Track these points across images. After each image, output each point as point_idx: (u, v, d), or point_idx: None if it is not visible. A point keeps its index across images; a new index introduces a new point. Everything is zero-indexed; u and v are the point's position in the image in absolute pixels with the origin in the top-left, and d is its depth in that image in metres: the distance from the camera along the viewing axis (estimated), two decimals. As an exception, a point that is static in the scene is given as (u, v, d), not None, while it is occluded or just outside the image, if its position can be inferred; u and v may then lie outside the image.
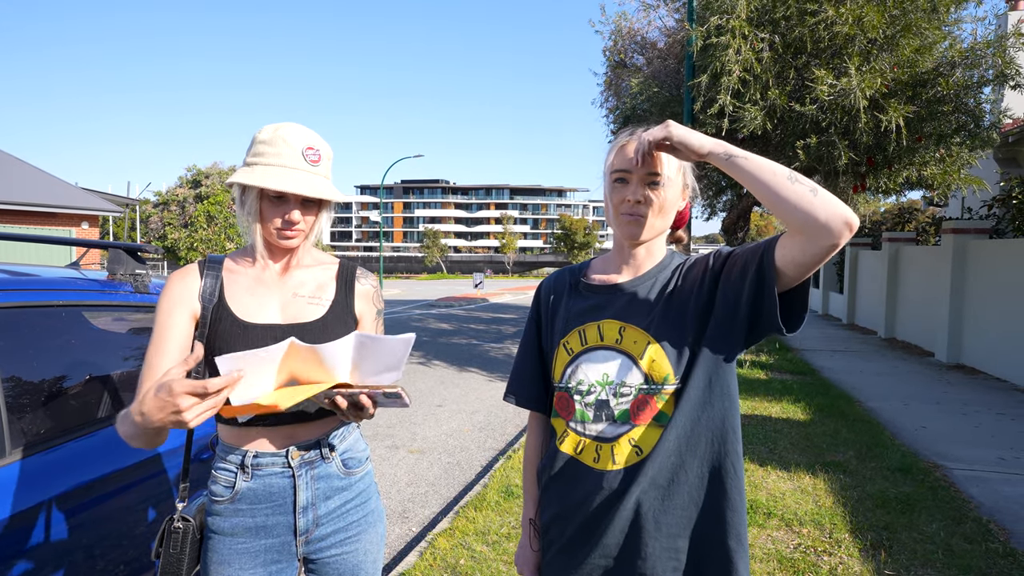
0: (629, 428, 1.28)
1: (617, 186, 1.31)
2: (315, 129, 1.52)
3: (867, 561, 3.32)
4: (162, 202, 30.42)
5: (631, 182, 1.29)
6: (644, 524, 1.27)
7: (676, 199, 1.33)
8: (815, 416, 6.27)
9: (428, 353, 10.93)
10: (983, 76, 7.09)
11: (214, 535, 1.47)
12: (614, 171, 1.31)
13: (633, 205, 1.28)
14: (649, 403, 1.27)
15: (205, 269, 1.47)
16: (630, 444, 1.28)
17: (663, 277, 1.34)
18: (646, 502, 1.27)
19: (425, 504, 4.35)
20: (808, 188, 1.11)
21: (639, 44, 9.96)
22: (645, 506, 1.27)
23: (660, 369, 1.27)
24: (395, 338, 1.29)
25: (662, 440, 1.26)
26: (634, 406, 1.28)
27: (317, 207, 1.47)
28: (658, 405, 1.27)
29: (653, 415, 1.27)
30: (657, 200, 1.29)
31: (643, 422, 1.28)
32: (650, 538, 1.27)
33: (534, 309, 1.49)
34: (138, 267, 2.33)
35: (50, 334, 1.98)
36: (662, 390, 1.27)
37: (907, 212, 17.31)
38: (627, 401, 1.28)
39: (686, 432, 1.27)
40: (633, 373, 1.29)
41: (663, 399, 1.27)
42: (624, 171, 1.29)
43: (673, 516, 1.27)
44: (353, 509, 1.55)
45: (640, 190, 1.28)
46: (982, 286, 8.85)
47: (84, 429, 1.89)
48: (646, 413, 1.28)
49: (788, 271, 1.16)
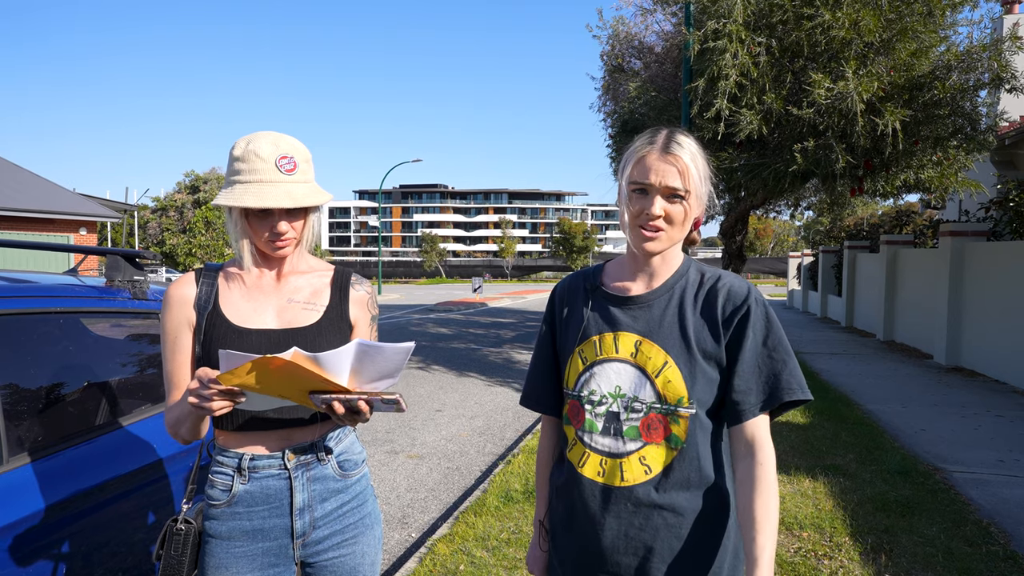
0: (639, 446, 1.27)
1: (635, 196, 1.26)
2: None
3: (868, 565, 3.31)
4: (160, 208, 30.43)
5: (651, 195, 1.24)
6: (654, 545, 1.27)
7: (698, 209, 1.29)
8: (814, 419, 6.27)
9: (427, 358, 10.92)
10: (979, 79, 7.11)
11: (211, 539, 1.48)
12: (633, 182, 1.25)
13: (653, 220, 1.24)
14: (662, 423, 1.26)
15: (201, 277, 1.51)
16: (640, 463, 1.27)
17: (680, 290, 1.32)
18: (654, 522, 1.26)
19: (425, 510, 4.34)
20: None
21: (636, 48, 9.99)
22: (651, 527, 1.26)
23: (675, 390, 1.25)
24: (395, 347, 1.29)
25: (674, 463, 1.26)
26: (644, 424, 1.27)
27: (304, 213, 1.49)
28: (671, 427, 1.26)
29: (664, 436, 1.26)
30: (678, 214, 1.25)
31: (653, 442, 1.26)
32: (660, 562, 1.27)
33: (548, 313, 1.47)
34: (136, 273, 2.33)
35: (49, 341, 1.98)
36: (676, 412, 1.26)
37: (905, 215, 17.33)
38: (637, 418, 1.27)
39: (699, 457, 1.26)
40: (647, 389, 1.27)
41: (676, 422, 1.26)
42: (644, 183, 1.24)
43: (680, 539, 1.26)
44: (350, 511, 1.56)
45: (661, 204, 1.23)
46: (980, 288, 8.87)
47: (83, 436, 1.88)
48: (657, 433, 1.26)
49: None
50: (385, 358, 1.30)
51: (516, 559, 3.39)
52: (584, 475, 1.31)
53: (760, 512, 1.20)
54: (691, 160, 1.24)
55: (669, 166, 1.22)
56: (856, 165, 7.28)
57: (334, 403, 1.30)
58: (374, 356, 1.29)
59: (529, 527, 3.79)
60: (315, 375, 1.25)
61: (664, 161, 1.23)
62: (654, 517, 1.26)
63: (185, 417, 1.39)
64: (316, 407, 1.35)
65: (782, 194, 9.30)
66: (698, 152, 1.27)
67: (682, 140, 1.25)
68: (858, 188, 8.12)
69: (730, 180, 8.01)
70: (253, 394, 1.31)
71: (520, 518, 3.92)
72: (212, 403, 1.26)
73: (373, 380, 1.34)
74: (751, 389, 1.26)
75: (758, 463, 1.24)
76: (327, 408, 1.32)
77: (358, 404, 1.30)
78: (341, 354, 1.27)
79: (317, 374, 1.25)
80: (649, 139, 1.26)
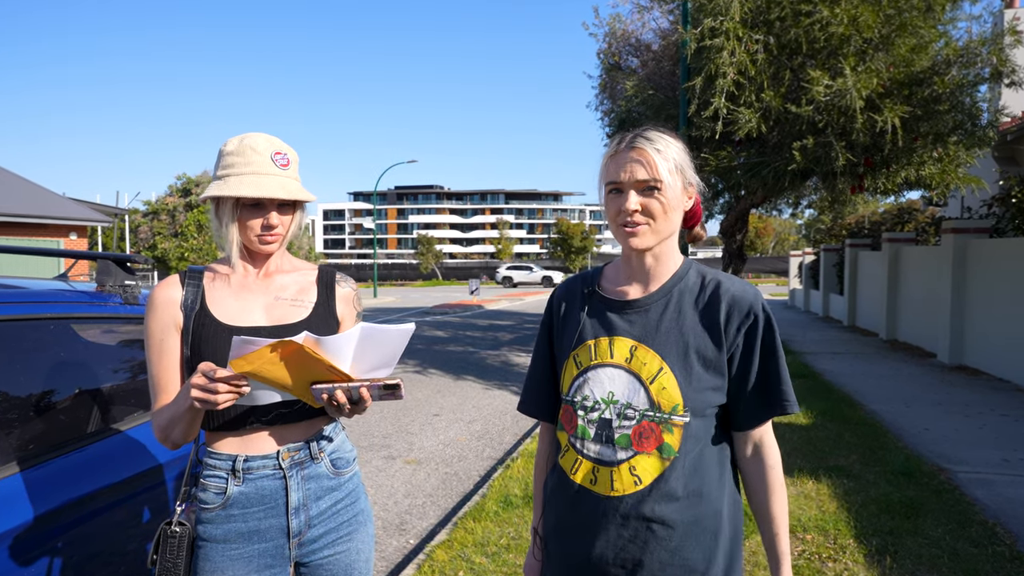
0: (630, 455, 1.24)
1: (612, 196, 1.27)
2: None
3: (872, 567, 3.27)
4: (152, 211, 30.33)
5: (625, 191, 1.25)
6: (643, 559, 1.24)
7: (678, 200, 1.27)
8: (817, 420, 6.23)
9: (424, 361, 10.87)
10: (979, 75, 7.09)
11: (206, 543, 1.47)
12: (607, 182, 1.27)
13: (630, 215, 1.24)
14: (654, 432, 1.23)
15: (186, 280, 1.51)
16: (631, 473, 1.24)
17: (679, 294, 1.30)
18: (644, 534, 1.23)
19: (423, 516, 4.30)
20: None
21: (633, 46, 9.96)
22: (642, 539, 1.24)
23: (670, 398, 1.23)
24: (397, 328, 1.33)
25: (665, 474, 1.23)
26: (636, 433, 1.24)
27: (292, 209, 1.53)
28: (663, 436, 1.23)
29: (657, 445, 1.23)
30: (656, 207, 1.24)
31: (645, 451, 1.23)
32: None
33: (546, 317, 1.46)
34: (127, 278, 2.29)
35: (39, 347, 1.95)
36: (670, 421, 1.23)
37: (906, 212, 17.31)
38: (630, 426, 1.24)
39: (690, 468, 1.24)
40: (640, 396, 1.25)
41: (669, 431, 1.23)
42: (616, 182, 1.25)
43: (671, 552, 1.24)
44: (343, 509, 1.57)
45: (636, 199, 1.23)
46: (983, 286, 8.83)
47: (74, 444, 1.85)
48: (649, 442, 1.23)
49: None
50: (387, 341, 1.34)
51: (516, 565, 3.35)
52: (575, 482, 1.29)
53: (778, 513, 1.30)
54: (656, 152, 1.23)
55: (635, 160, 1.23)
56: (856, 162, 7.25)
57: (336, 392, 1.33)
58: (377, 340, 1.33)
59: (528, 533, 3.75)
60: (321, 362, 1.28)
61: (630, 155, 1.24)
62: (644, 530, 1.23)
63: (180, 417, 1.37)
64: (315, 401, 1.37)
65: (782, 192, 9.28)
66: (669, 143, 1.26)
67: (649, 135, 1.25)
68: (858, 186, 8.09)
69: (729, 179, 7.99)
70: (252, 389, 1.32)
71: (520, 524, 3.88)
72: (218, 395, 1.27)
73: (372, 368, 1.37)
74: (755, 400, 1.27)
75: (769, 466, 1.30)
76: (327, 399, 1.34)
77: (360, 392, 1.33)
78: (345, 338, 1.31)
79: (323, 360, 1.28)
80: (617, 141, 1.28)
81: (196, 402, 1.28)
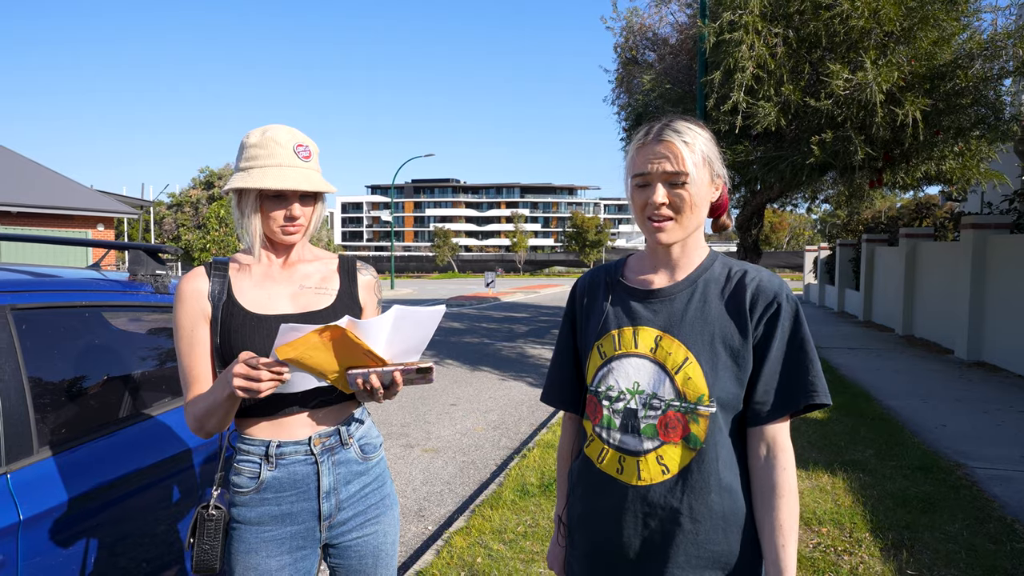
0: (656, 445, 1.24)
1: (639, 189, 1.25)
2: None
3: (888, 561, 3.28)
4: (175, 203, 30.66)
5: (652, 184, 1.23)
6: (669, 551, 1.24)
7: (706, 193, 1.26)
8: (832, 414, 6.21)
9: (440, 352, 10.95)
10: (1003, 68, 6.96)
11: (240, 525, 1.51)
12: (634, 174, 1.25)
13: (657, 209, 1.22)
14: (680, 422, 1.23)
15: (212, 271, 1.53)
16: (657, 462, 1.24)
17: (704, 284, 1.28)
18: (671, 525, 1.24)
19: (441, 503, 4.36)
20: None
21: (651, 40, 9.90)
22: (668, 530, 1.24)
23: (695, 388, 1.22)
24: (429, 310, 1.36)
25: (693, 465, 1.22)
26: (662, 423, 1.24)
27: (313, 201, 1.54)
28: (690, 427, 1.23)
29: (683, 435, 1.23)
30: (682, 201, 1.22)
31: (671, 441, 1.23)
32: (676, 568, 1.24)
33: (569, 308, 1.46)
34: (158, 268, 2.35)
35: (73, 334, 2.01)
36: (696, 411, 1.22)
37: (924, 207, 17.11)
38: (655, 416, 1.24)
39: (718, 459, 1.23)
40: (666, 386, 1.24)
41: (696, 421, 1.22)
42: (643, 174, 1.24)
43: (697, 544, 1.24)
44: (371, 493, 1.61)
45: (663, 192, 1.22)
46: (1003, 282, 8.72)
47: (107, 428, 1.91)
48: (676, 432, 1.23)
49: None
50: (419, 323, 1.37)
51: (533, 552, 3.39)
52: (602, 471, 1.30)
53: (786, 520, 1.20)
54: (684, 144, 1.21)
55: (662, 153, 1.21)
56: (875, 157, 7.18)
57: (372, 377, 1.36)
58: (410, 322, 1.36)
59: (546, 521, 3.79)
60: (360, 346, 1.31)
61: (657, 149, 1.22)
62: (670, 521, 1.23)
63: (218, 406, 1.39)
64: (348, 388, 1.41)
65: (799, 187, 9.20)
66: (697, 135, 1.24)
67: (677, 126, 1.23)
68: (877, 180, 8.01)
69: (746, 173, 7.94)
70: (292, 375, 1.35)
71: (536, 512, 3.92)
72: (261, 383, 1.30)
73: (404, 352, 1.41)
74: (776, 390, 1.23)
75: (781, 468, 1.22)
76: (362, 384, 1.37)
77: (393, 376, 1.37)
78: (382, 322, 1.33)
79: (362, 345, 1.31)
80: (645, 131, 1.26)
81: (239, 391, 1.31)
